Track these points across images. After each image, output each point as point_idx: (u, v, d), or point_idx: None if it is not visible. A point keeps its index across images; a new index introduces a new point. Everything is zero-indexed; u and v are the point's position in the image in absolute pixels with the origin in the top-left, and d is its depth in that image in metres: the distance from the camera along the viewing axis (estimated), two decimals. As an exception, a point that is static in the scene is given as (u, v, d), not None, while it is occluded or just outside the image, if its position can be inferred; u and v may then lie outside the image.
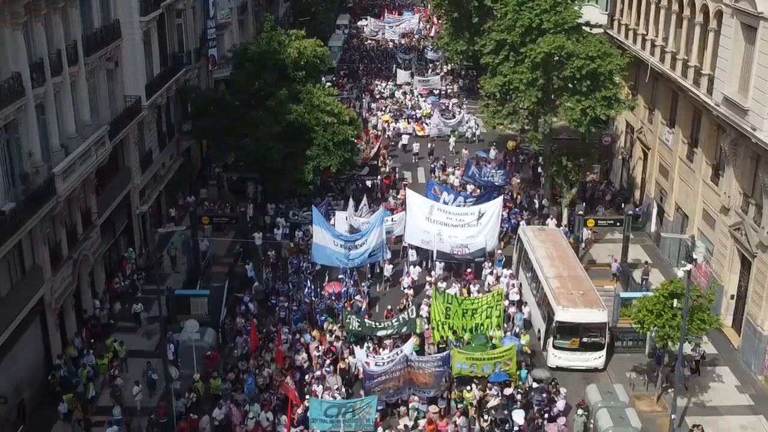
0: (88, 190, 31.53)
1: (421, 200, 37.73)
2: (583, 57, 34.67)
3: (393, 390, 26.72)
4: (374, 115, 61.01)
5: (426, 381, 26.70)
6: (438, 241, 36.04)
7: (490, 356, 27.52)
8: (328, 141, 39.45)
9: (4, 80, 24.75)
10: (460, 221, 36.70)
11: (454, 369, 27.37)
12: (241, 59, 42.28)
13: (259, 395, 27.06)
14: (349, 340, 30.12)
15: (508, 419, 25.72)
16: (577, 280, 31.79)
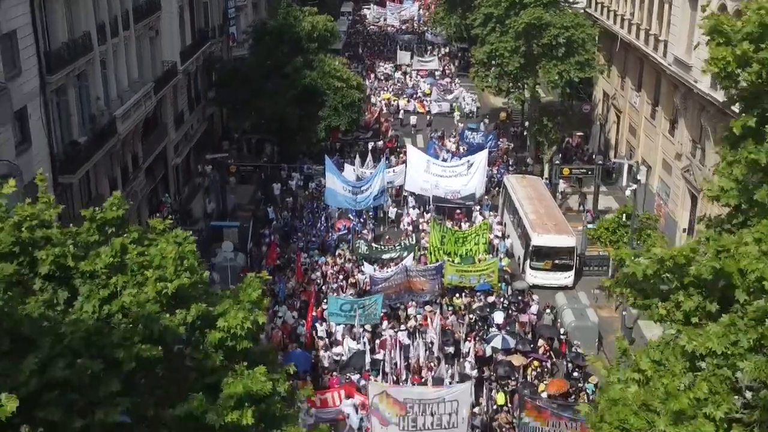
0: (136, 138, 37.13)
1: (419, 155, 43.35)
2: (558, 27, 40.34)
3: (395, 296, 32.30)
4: (377, 94, 66.49)
5: (422, 287, 32.32)
6: (434, 188, 41.63)
7: (476, 269, 33.19)
8: (338, 103, 45.11)
9: (78, 37, 30.38)
10: (453, 172, 42.25)
11: (446, 280, 33.00)
12: (260, 34, 47.89)
13: (285, 300, 32.70)
14: (358, 262, 35.74)
15: (489, 317, 31.39)
16: (551, 215, 37.44)
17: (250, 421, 10.26)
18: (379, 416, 23.80)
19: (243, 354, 11.33)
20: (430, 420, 23.51)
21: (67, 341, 10.28)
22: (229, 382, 10.66)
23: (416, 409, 23.39)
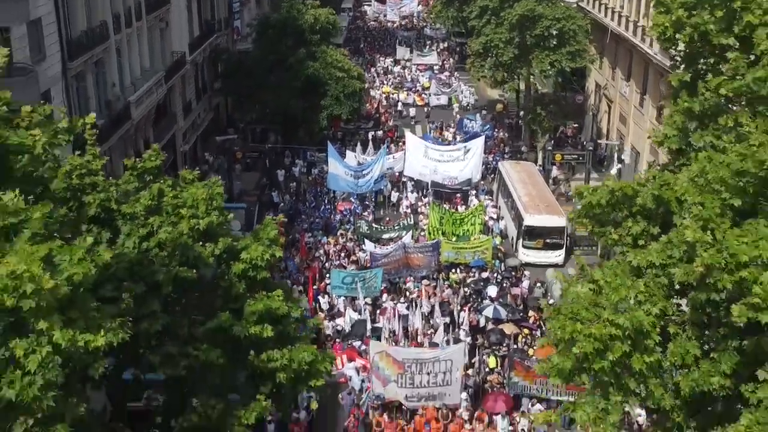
0: (147, 123, 39.01)
1: (418, 141, 45.25)
2: (550, 18, 42.22)
3: (394, 271, 34.17)
4: (377, 88, 68.36)
5: (419, 263, 34.20)
6: (432, 173, 43.49)
7: (471, 246, 35.10)
8: (339, 92, 46.98)
9: (95, 26, 32.27)
10: (450, 157, 44.12)
11: (442, 257, 34.88)
12: (264, 26, 49.77)
13: (290, 276, 34.55)
14: (359, 241, 37.59)
15: (482, 290, 33.27)
16: (543, 197, 39.31)
17: (270, 334, 12.13)
18: (379, 375, 25.67)
19: (262, 283, 13.19)
20: (426, 378, 25.35)
21: (113, 270, 12.13)
22: (251, 303, 12.53)
23: (413, 368, 25.23)
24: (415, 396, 25.59)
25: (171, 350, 11.65)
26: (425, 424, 25.12)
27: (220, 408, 11.65)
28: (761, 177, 10.27)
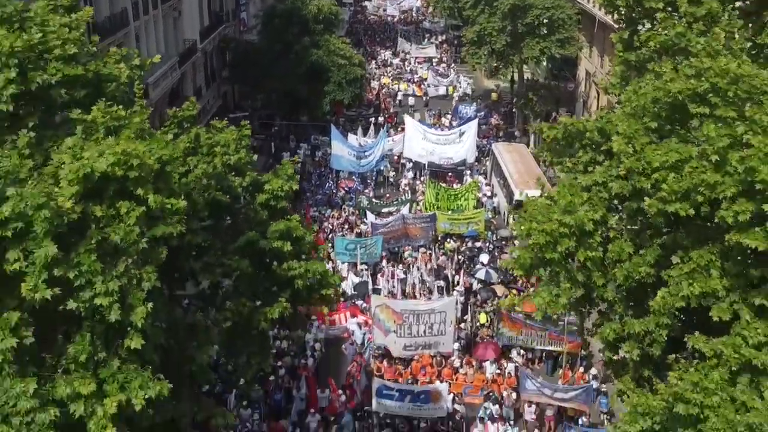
0: (163, 105, 41.61)
1: (417, 125, 47.89)
2: (540, 7, 44.88)
3: (393, 241, 36.80)
4: (377, 79, 71.00)
5: (417, 234, 36.84)
6: (430, 154, 46.13)
7: (464, 217, 37.76)
8: (341, 79, 49.64)
9: (116, 12, 34.92)
10: (446, 140, 46.77)
11: (438, 228, 37.53)
12: (270, 17, 52.42)
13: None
14: (361, 215, 40.26)
15: (475, 257, 35.93)
16: (532, 175, 41.85)
17: (289, 248, 14.80)
18: (380, 326, 28.33)
19: (282, 211, 15.86)
20: (422, 328, 27.99)
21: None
22: (273, 224, 15.19)
23: (411, 319, 27.87)
24: (413, 345, 28.19)
25: (209, 260, 14.24)
26: (421, 369, 27.77)
27: (250, 306, 14.26)
28: (670, 103, 12.96)
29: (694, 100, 12.64)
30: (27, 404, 9.50)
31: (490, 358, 28.42)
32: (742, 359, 11.15)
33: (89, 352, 9.95)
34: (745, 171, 11.12)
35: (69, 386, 9.73)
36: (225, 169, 15.29)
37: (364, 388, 27.15)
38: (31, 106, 12.18)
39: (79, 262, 9.75)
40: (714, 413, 10.54)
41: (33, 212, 9.31)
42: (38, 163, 10.66)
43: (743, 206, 11.21)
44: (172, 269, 13.51)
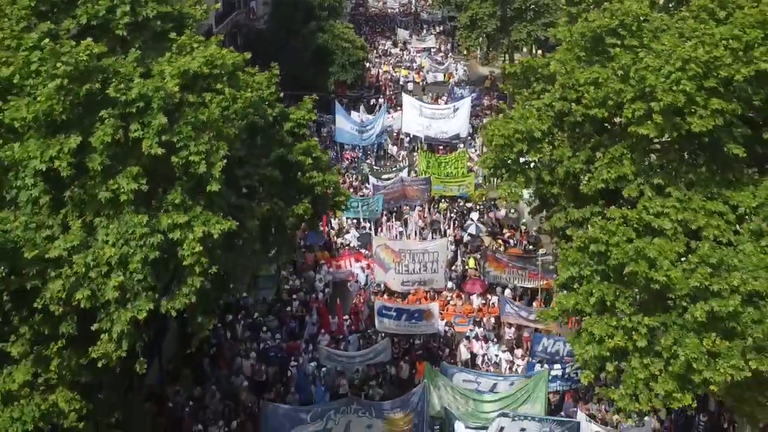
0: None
1: (413, 102, 52.06)
2: (527, -7, 49.26)
3: (393, 201, 40.97)
4: (377, 67, 75.19)
5: (414, 194, 41.02)
6: (426, 128, 50.29)
7: (456, 180, 41.93)
8: (345, 61, 53.85)
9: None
10: (441, 115, 50.90)
11: (433, 190, 41.72)
12: (277, 5, 56.65)
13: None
14: (363, 180, 44.45)
15: (466, 215, 40.15)
16: (520, 145, 46.13)
17: (310, 161, 18.98)
18: (381, 264, 32.50)
19: (303, 137, 20.05)
20: (417, 266, 32.10)
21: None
22: (297, 144, 19.39)
23: (407, 257, 32.00)
24: (409, 281, 32.33)
25: (249, 169, 18.35)
26: (416, 302, 31.95)
27: (281, 204, 18.40)
28: (592, 37, 17.16)
29: (609, 34, 16.78)
30: (141, 231, 13.65)
31: (477, 292, 32.61)
32: (643, 222, 15.21)
33: (181, 198, 14.09)
34: (639, 80, 15.24)
35: (169, 219, 13.86)
36: (259, 102, 19.36)
37: (366, 316, 31.37)
38: (137, 32, 16.48)
39: (180, 131, 13.95)
40: (615, 248, 14.64)
41: (152, 93, 13.49)
42: (142, 72, 14.80)
43: (638, 105, 15.32)
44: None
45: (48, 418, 17.32)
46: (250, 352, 28.59)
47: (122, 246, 13.68)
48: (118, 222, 13.77)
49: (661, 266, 14.02)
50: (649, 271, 14.13)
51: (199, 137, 14.07)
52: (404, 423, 22.19)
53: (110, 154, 13.47)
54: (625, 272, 14.44)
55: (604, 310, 15.33)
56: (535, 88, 18.80)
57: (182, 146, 14.04)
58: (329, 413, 21.71)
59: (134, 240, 13.63)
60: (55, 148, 13.20)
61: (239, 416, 25.24)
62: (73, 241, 13.67)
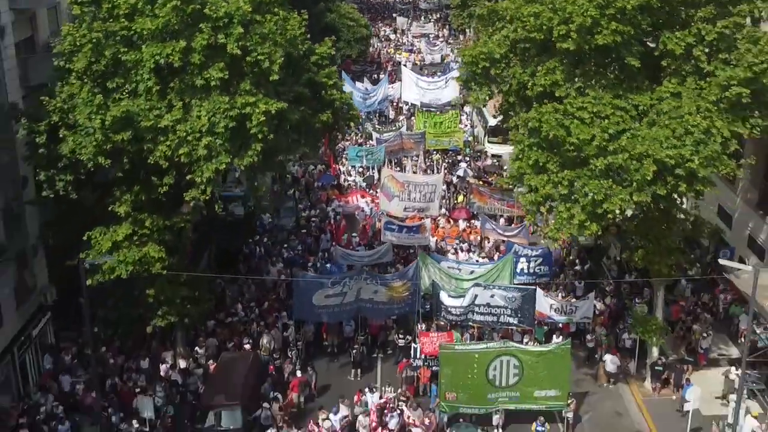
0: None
1: (411, 74, 58.83)
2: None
3: (393, 153, 47.61)
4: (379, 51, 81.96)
5: (410, 147, 47.68)
6: (422, 96, 56.98)
7: (447, 135, 48.63)
8: (350, 37, 60.55)
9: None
10: (435, 86, 57.53)
11: (427, 144, 48.39)
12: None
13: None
14: (367, 138, 51.13)
15: (456, 164, 46.84)
16: (504, 108, 52.77)
17: (331, 82, 25.58)
18: (386, 193, 39.01)
19: (326, 67, 26.60)
20: (418, 195, 38.43)
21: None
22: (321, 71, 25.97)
23: (410, 187, 38.45)
24: (410, 207, 38.67)
25: (285, 88, 24.87)
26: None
27: (310, 112, 24.98)
28: None
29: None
30: (224, 107, 20.22)
31: (463, 217, 39.27)
32: (568, 113, 21.63)
33: (250, 86, 20.65)
34: (563, 10, 21.69)
35: (243, 99, 20.42)
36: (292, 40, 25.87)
37: (371, 236, 38.02)
38: None
39: (251, 38, 20.65)
40: (545, 123, 21.14)
41: (234, 12, 20.12)
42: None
43: (562, 27, 21.71)
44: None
45: (142, 264, 24.02)
46: (277, 260, 35.23)
47: (210, 118, 20.23)
48: (208, 101, 20.34)
49: (575, 133, 20.48)
50: (566, 136, 20.58)
51: (264, 43, 20.61)
52: (403, 290, 28.81)
53: (205, 53, 20.00)
54: (551, 136, 20.92)
55: (539, 171, 21.83)
56: (497, 26, 25.12)
57: (252, 49, 20.54)
58: (345, 280, 28.32)
59: (219, 114, 20.17)
60: (170, 48, 19.74)
61: (269, 300, 31.94)
62: (176, 115, 20.28)
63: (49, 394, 25.68)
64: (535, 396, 25.04)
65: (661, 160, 20.23)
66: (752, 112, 21.52)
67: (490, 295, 28.02)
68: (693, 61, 22.11)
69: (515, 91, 24.33)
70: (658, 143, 20.59)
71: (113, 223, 23.92)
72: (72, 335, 28.93)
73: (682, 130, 20.80)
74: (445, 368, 24.98)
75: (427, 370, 27.09)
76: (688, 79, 22.14)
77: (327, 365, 28.98)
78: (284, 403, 25.57)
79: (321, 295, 27.96)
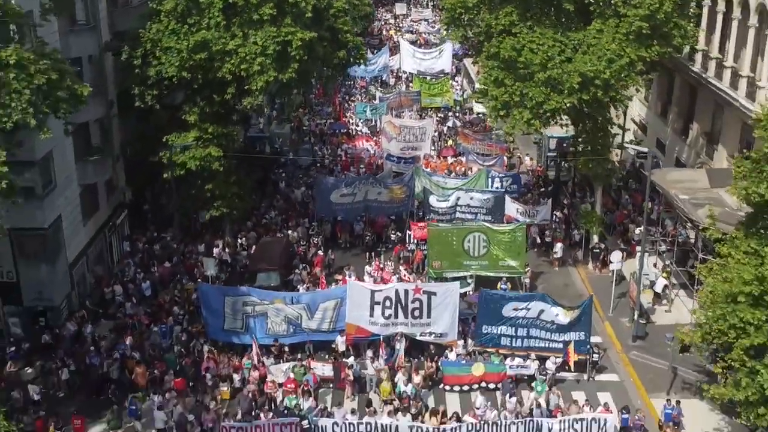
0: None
1: (409, 47, 67.09)
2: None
3: (393, 109, 55.77)
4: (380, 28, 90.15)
5: (407, 103, 55.94)
6: (419, 65, 65.16)
7: (439, 95, 56.95)
8: (356, 15, 68.49)
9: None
10: (430, 56, 65.75)
11: (423, 102, 56.66)
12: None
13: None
14: (370, 99, 59.35)
15: (446, 118, 55.12)
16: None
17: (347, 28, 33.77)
18: (386, 135, 47.19)
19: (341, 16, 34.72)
20: (411, 137, 46.65)
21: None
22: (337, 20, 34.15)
23: (405, 131, 46.68)
24: (405, 147, 46.83)
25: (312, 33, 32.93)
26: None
27: (330, 49, 33.07)
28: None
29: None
30: (272, 35, 28.57)
31: (450, 154, 47.48)
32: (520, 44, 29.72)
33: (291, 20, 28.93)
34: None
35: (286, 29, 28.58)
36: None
37: (375, 167, 46.26)
38: None
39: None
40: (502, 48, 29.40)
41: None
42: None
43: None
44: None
45: (206, 161, 32.20)
46: (300, 185, 43.44)
47: (262, 43, 28.35)
48: (261, 31, 28.48)
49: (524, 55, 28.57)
50: (518, 57, 28.61)
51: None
52: (400, 192, 37.03)
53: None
54: (507, 57, 28.95)
55: (499, 85, 29.89)
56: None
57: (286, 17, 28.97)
58: (355, 183, 36.61)
59: (269, 40, 28.29)
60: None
61: (294, 210, 40.19)
62: (238, 42, 28.55)
63: (132, 265, 33.94)
64: (500, 265, 33.08)
65: (584, 72, 28.40)
66: (652, 41, 29.69)
67: (469, 197, 36.21)
68: (612, 6, 30.27)
69: (484, 31, 32.49)
70: (583, 63, 28.78)
71: (183, 131, 32.12)
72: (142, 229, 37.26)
73: (601, 54, 28.98)
74: (432, 242, 33.08)
75: (419, 252, 35.24)
76: (609, 20, 30.28)
77: (342, 254, 37.12)
78: (310, 272, 33.76)
79: (337, 194, 36.22)
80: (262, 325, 28.31)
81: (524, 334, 27.52)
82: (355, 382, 26.78)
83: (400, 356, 27.21)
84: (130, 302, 31.00)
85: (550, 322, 27.22)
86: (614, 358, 29.82)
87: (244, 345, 28.28)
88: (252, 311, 28.29)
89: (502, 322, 27.39)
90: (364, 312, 27.63)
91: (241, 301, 28.24)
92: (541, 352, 27.53)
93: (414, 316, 27.66)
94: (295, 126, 53.92)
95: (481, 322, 27.70)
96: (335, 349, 28.38)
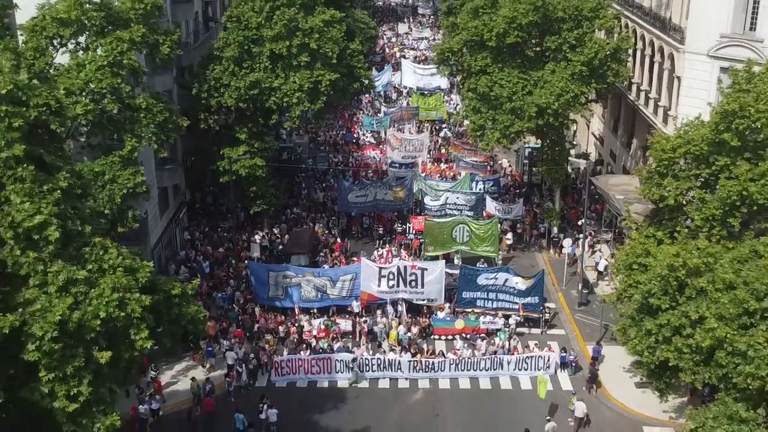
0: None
1: (409, 64, 76.89)
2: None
3: (396, 121, 65.43)
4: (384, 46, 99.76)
5: (408, 116, 65.65)
6: (418, 82, 74.71)
7: (434, 108, 66.70)
8: (363, 37, 78.30)
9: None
10: (430, 73, 75.05)
11: (420, 116, 66.35)
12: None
13: (340, 124, 66.13)
14: (376, 112, 69.05)
15: (440, 129, 64.81)
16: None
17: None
18: (390, 145, 56.84)
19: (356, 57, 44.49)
20: (411, 148, 56.20)
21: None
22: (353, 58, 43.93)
23: (405, 143, 56.33)
24: (407, 156, 56.06)
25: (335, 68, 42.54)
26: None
27: (347, 83, 42.67)
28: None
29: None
30: (307, 75, 38.26)
31: (443, 158, 57.23)
32: (493, 81, 39.41)
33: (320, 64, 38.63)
34: (488, 24, 39.58)
35: (317, 72, 38.34)
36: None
37: (380, 173, 56.00)
38: None
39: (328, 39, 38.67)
40: (479, 85, 39.04)
41: None
42: None
43: (489, 33, 39.48)
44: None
45: (252, 168, 41.92)
46: (322, 188, 53.23)
47: (299, 83, 38.31)
48: (299, 74, 38.46)
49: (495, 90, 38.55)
50: (490, 92, 38.47)
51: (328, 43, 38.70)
52: (402, 193, 46.71)
53: (297, 48, 38.00)
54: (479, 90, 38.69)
55: (476, 112, 39.79)
56: (456, 32, 42.68)
57: (322, 45, 38.55)
58: (367, 186, 46.35)
59: (304, 80, 38.32)
60: (278, 45, 37.86)
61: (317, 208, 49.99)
62: (281, 81, 38.42)
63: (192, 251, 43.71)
64: (479, 249, 42.70)
65: (539, 104, 38.21)
66: (591, 80, 39.53)
67: (456, 197, 45.92)
68: (562, 52, 40.00)
69: (466, 70, 42.28)
70: (539, 96, 38.57)
71: (235, 146, 41.84)
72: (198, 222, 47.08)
73: (553, 89, 38.77)
74: (428, 232, 42.73)
75: (417, 240, 44.93)
76: (560, 63, 40.02)
77: (355, 242, 46.84)
78: (331, 254, 43.50)
79: (353, 195, 45.92)
80: (298, 292, 37.99)
81: (494, 298, 37.24)
82: (369, 333, 36.50)
83: (403, 314, 36.98)
84: (194, 277, 40.75)
85: (512, 288, 36.94)
86: (564, 319, 39.56)
87: (284, 308, 38.06)
88: (290, 282, 37.99)
89: (477, 288, 37.14)
90: (373, 283, 37.33)
91: (281, 275, 37.94)
92: (506, 311, 37.27)
93: (411, 286, 37.40)
94: (312, 137, 63.72)
95: (461, 290, 37.43)
96: (351, 310, 38.09)
